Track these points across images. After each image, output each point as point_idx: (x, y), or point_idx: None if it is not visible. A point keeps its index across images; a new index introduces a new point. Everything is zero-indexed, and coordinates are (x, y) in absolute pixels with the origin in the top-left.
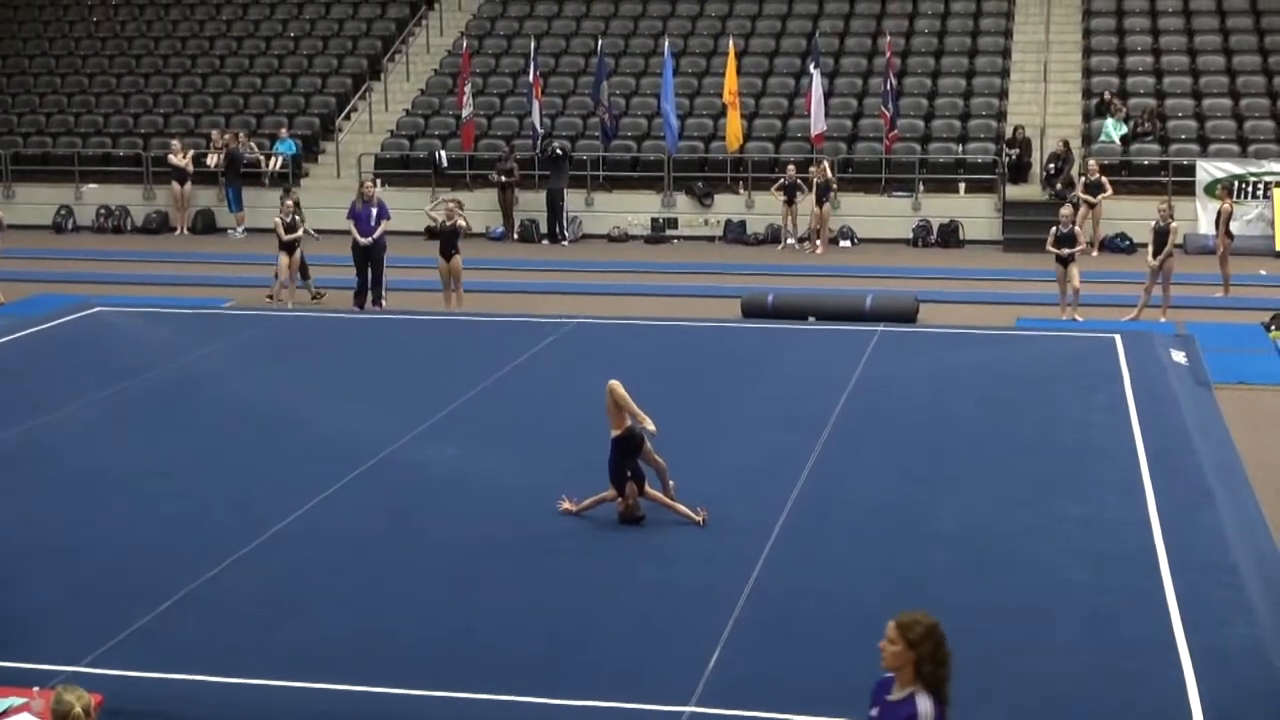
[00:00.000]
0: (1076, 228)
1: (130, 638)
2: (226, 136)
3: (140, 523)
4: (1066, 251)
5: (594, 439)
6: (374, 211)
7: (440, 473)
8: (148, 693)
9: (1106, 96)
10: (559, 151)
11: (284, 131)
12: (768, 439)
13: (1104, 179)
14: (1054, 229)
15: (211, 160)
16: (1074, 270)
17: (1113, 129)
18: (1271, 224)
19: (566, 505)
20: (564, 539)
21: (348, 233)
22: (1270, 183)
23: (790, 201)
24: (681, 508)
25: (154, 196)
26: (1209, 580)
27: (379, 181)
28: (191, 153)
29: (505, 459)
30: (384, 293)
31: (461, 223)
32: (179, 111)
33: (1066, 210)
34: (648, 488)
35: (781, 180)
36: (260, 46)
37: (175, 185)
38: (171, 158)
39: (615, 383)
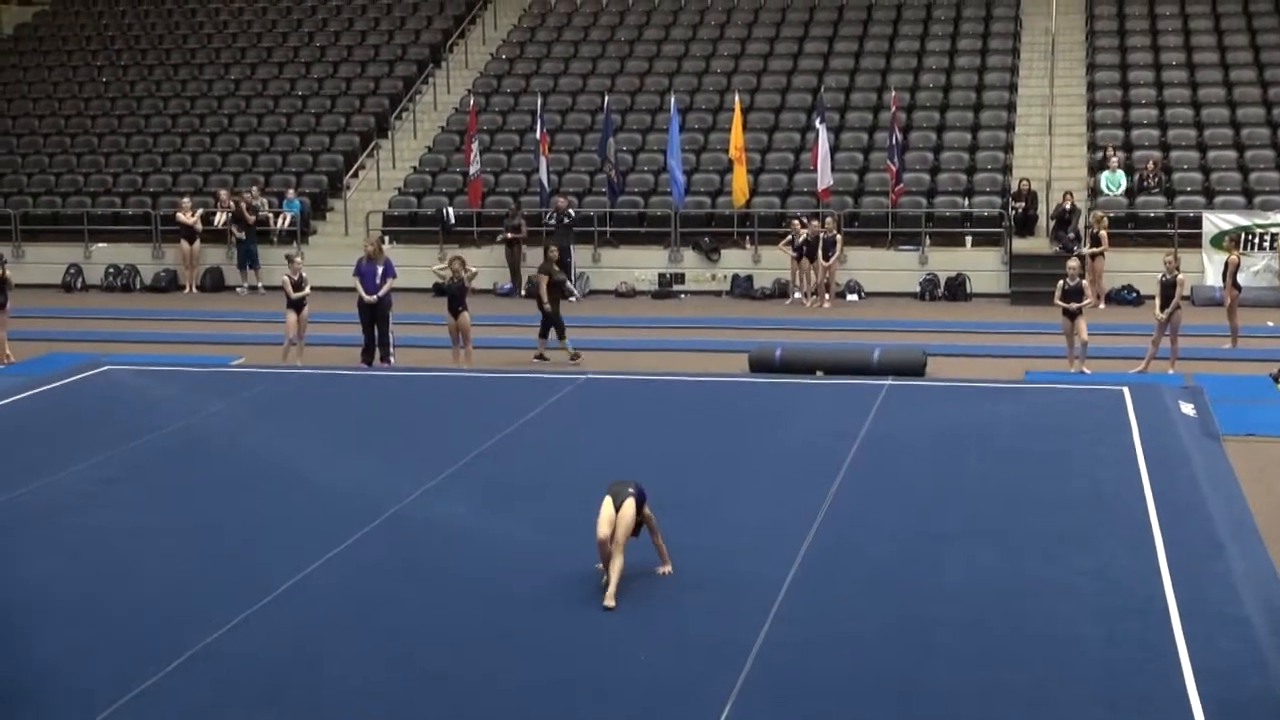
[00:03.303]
0: (1084, 281)
1: (140, 697)
2: (247, 195)
3: (149, 580)
4: (1075, 306)
5: (602, 495)
6: (379, 269)
7: (449, 529)
8: None
9: (1109, 153)
10: (567, 218)
11: (291, 192)
12: (777, 493)
13: (1104, 233)
14: (1061, 282)
15: (219, 219)
16: (1082, 323)
17: (1108, 182)
18: (1278, 275)
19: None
20: (574, 595)
21: (354, 290)
22: (1276, 234)
23: (800, 257)
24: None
25: (163, 255)
26: (1220, 633)
27: (387, 239)
28: (200, 211)
29: (514, 515)
30: (391, 350)
31: (466, 273)
32: (187, 170)
33: (1074, 263)
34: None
35: (790, 236)
36: (269, 105)
37: (184, 244)
38: (180, 216)
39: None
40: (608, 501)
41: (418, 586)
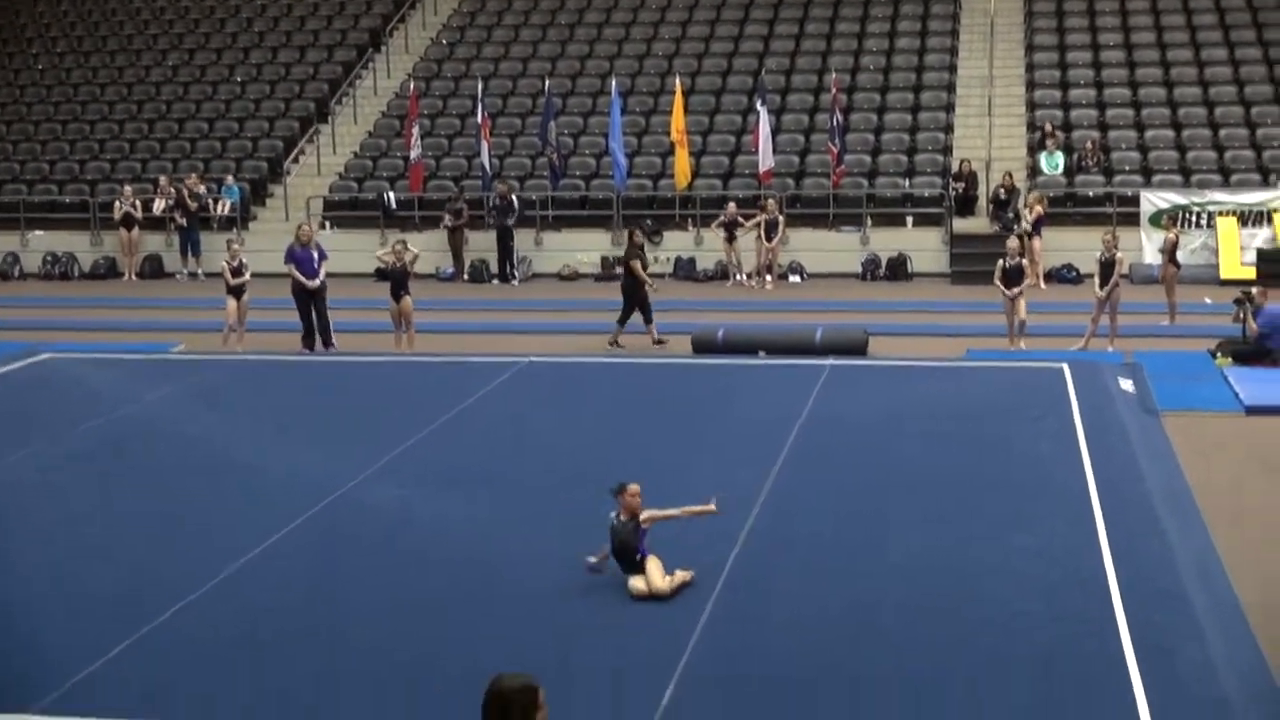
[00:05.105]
0: (1024, 260)
1: (80, 684)
2: (188, 182)
3: (90, 568)
4: (1015, 291)
5: (546, 479)
6: (315, 254)
7: (391, 514)
8: None
9: (1048, 128)
10: (511, 207)
11: (230, 178)
12: (719, 474)
13: (1039, 208)
14: (1001, 262)
15: (158, 206)
16: (1020, 302)
17: (1047, 162)
18: (1215, 253)
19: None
20: (514, 582)
21: (288, 276)
22: (1213, 212)
23: (731, 239)
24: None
25: (101, 242)
26: (1159, 606)
27: (328, 225)
28: (139, 201)
29: (456, 499)
30: (332, 334)
31: (409, 256)
32: (125, 157)
33: (1013, 243)
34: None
35: (721, 218)
36: (207, 91)
37: (123, 231)
38: (120, 204)
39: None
40: (633, 579)
41: (360, 572)
